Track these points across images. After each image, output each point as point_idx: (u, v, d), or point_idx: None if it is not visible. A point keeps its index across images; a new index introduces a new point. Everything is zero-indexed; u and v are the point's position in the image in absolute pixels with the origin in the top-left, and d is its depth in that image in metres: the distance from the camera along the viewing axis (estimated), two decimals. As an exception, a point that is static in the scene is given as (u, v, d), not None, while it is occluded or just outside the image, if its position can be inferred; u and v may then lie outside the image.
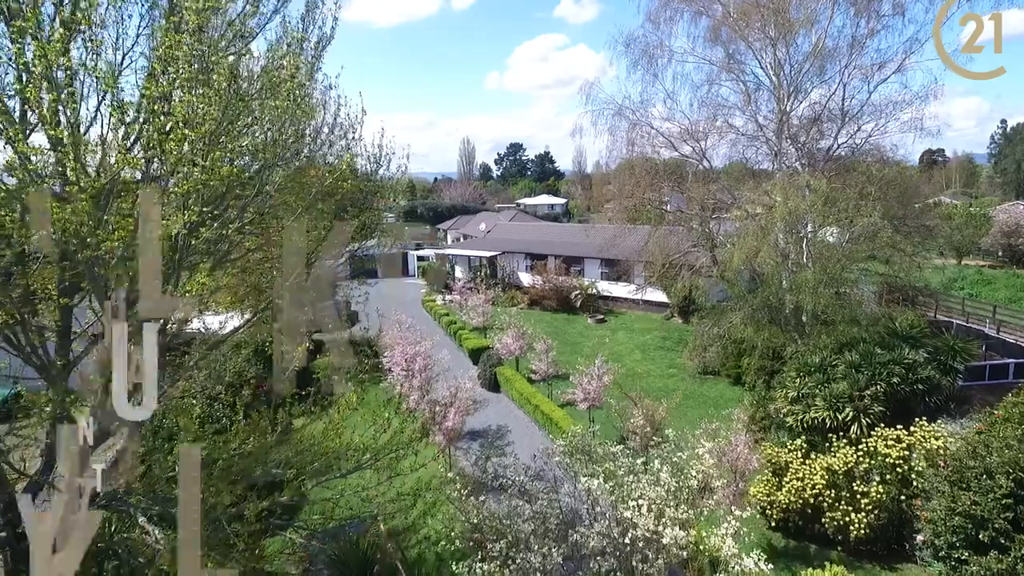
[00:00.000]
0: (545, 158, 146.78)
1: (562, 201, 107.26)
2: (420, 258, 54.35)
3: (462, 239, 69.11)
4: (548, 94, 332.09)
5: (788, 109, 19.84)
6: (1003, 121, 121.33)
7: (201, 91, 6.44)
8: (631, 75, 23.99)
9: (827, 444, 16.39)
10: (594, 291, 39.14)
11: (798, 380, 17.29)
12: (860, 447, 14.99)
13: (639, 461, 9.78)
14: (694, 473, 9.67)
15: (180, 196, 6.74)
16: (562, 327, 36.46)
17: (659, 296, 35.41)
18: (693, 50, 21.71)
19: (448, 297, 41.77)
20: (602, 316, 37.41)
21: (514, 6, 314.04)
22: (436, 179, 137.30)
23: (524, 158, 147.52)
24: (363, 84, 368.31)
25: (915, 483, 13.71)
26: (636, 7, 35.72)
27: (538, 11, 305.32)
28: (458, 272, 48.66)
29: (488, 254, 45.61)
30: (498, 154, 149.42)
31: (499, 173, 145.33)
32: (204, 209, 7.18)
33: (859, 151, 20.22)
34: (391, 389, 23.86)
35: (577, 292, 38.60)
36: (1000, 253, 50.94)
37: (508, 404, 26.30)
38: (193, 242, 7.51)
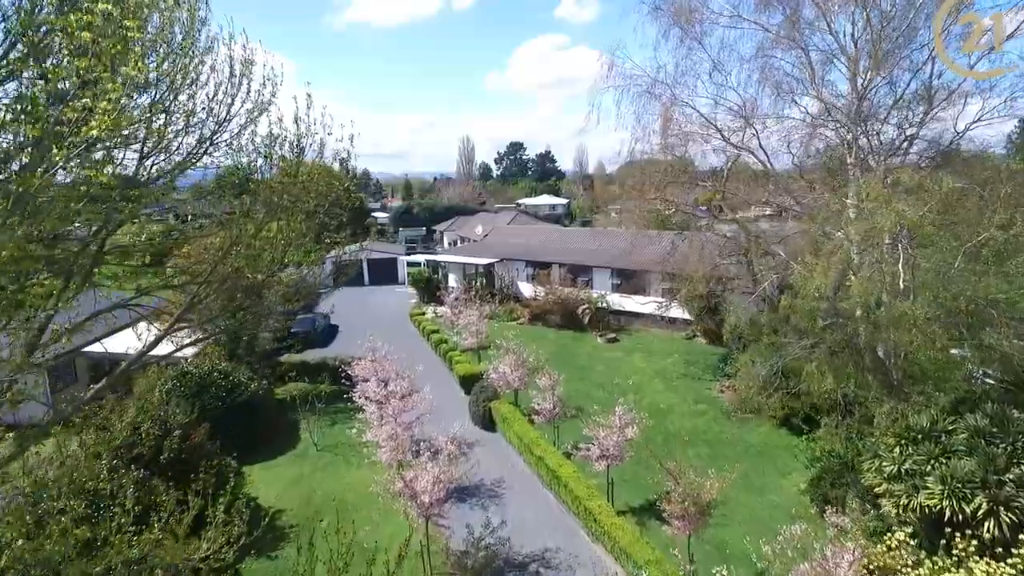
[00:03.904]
0: (546, 158, 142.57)
1: (564, 202, 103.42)
2: (411, 264, 49.68)
3: (459, 242, 64.54)
4: (549, 94, 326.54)
5: (868, 85, 15.28)
6: (1022, 120, 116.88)
7: None
8: (661, 47, 19.35)
9: (943, 541, 11.83)
10: (604, 305, 34.46)
11: (898, 450, 12.71)
12: (1012, 562, 10.38)
13: None
14: None
15: None
16: (568, 347, 31.84)
17: (679, 312, 30.73)
18: (740, 14, 17.09)
19: (440, 309, 37.15)
20: (614, 335, 32.71)
21: (514, 7, 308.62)
22: (435, 179, 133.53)
23: (524, 157, 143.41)
24: (364, 84, 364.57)
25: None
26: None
27: (538, 11, 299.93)
28: (451, 280, 44.01)
29: (484, 261, 40.93)
30: (498, 153, 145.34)
31: (499, 173, 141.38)
32: None
33: (956, 140, 15.66)
34: (360, 432, 19.32)
35: (585, 307, 33.89)
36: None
37: (505, 449, 21.72)
38: None
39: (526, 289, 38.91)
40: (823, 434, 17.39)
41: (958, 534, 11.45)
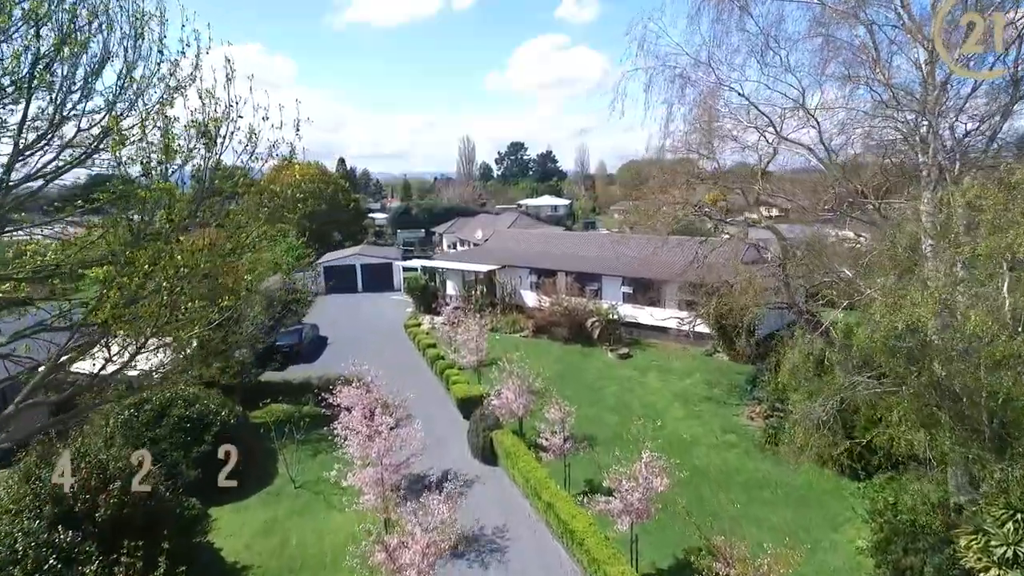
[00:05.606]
0: (547, 158, 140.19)
1: (566, 202, 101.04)
2: (407, 270, 46.90)
3: (458, 245, 61.84)
4: (549, 94, 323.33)
5: (948, 71, 12.60)
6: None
7: None
8: (695, 25, 16.43)
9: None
10: (615, 317, 31.68)
11: (1011, 525, 10.03)
12: None
13: None
14: None
15: None
16: (577, 364, 29.11)
17: (700, 326, 27.93)
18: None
19: (438, 320, 34.39)
20: (626, 350, 29.94)
21: (514, 7, 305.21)
22: (435, 179, 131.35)
23: (525, 158, 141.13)
24: (364, 84, 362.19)
25: None
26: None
27: (538, 11, 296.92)
28: (450, 287, 41.31)
29: (485, 268, 38.17)
30: (499, 153, 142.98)
31: (500, 173, 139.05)
32: None
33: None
34: (340, 474, 16.62)
35: (595, 319, 31.11)
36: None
37: (508, 489, 19.01)
38: None
39: (530, 298, 36.19)
40: (885, 482, 14.68)
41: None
